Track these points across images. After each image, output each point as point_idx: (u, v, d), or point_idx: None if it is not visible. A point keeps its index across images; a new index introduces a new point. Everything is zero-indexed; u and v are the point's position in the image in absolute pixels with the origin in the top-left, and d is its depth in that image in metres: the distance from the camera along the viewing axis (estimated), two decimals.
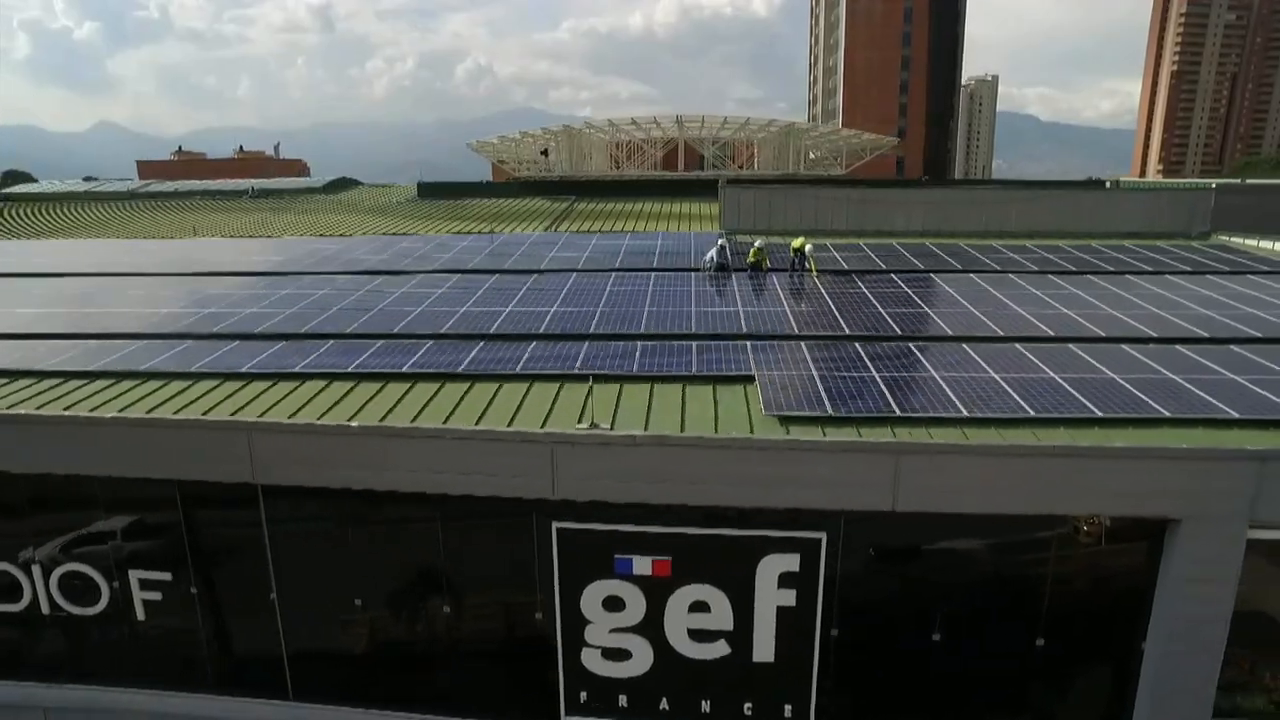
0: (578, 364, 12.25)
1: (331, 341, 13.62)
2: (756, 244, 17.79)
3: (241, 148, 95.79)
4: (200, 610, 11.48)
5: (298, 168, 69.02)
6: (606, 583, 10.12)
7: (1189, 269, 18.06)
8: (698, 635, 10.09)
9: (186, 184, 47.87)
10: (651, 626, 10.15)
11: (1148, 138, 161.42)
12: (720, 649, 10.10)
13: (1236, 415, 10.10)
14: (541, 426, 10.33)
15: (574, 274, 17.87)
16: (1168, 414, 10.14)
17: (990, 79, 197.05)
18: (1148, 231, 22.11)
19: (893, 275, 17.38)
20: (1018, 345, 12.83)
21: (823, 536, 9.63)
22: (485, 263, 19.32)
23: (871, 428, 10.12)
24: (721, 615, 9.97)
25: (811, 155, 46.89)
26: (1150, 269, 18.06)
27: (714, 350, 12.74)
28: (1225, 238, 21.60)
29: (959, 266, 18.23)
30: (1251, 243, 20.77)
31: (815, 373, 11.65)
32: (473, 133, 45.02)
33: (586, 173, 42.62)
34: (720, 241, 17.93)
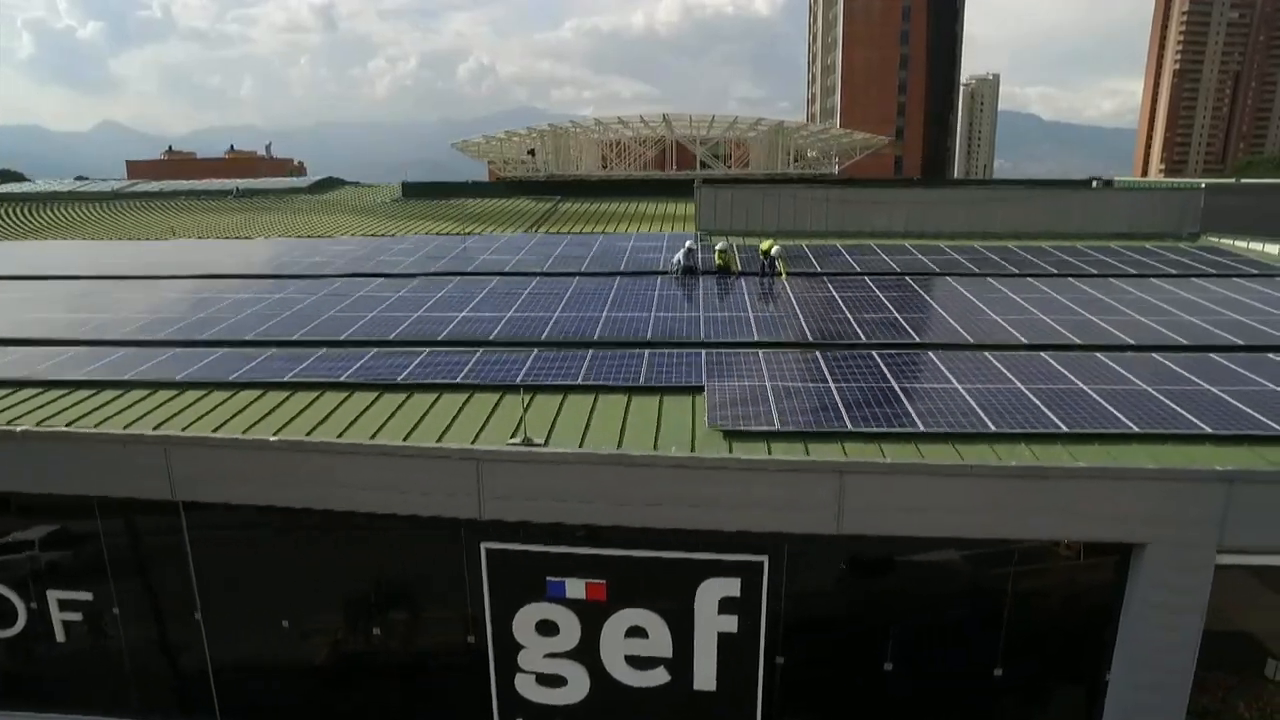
0: (521, 374, 11.70)
1: (273, 349, 13.08)
2: (719, 246, 17.20)
3: (233, 147, 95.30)
4: (123, 631, 10.95)
5: (288, 167, 68.46)
6: (539, 606, 9.58)
7: (1175, 272, 17.45)
8: (635, 662, 9.54)
9: (172, 184, 47.43)
10: (587, 652, 9.60)
11: (1149, 137, 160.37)
12: (659, 676, 9.54)
13: (1209, 430, 9.52)
14: (473, 441, 9.80)
15: (537, 278, 17.32)
16: (1136, 429, 9.56)
17: (991, 78, 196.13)
18: (1136, 233, 21.49)
19: (865, 278, 16.79)
20: (987, 353, 12.25)
21: (765, 560, 9.07)
22: (450, 265, 18.78)
23: (821, 443, 9.55)
24: (660, 641, 9.42)
25: (810, 153, 46.30)
26: (1134, 272, 17.45)
27: (667, 359, 12.18)
28: (1215, 239, 20.98)
29: (935, 269, 17.63)
30: (1242, 245, 20.14)
31: (769, 383, 11.09)
32: (474, 132, 44.36)
33: (573, 173, 42.07)
34: (688, 244, 17.37)
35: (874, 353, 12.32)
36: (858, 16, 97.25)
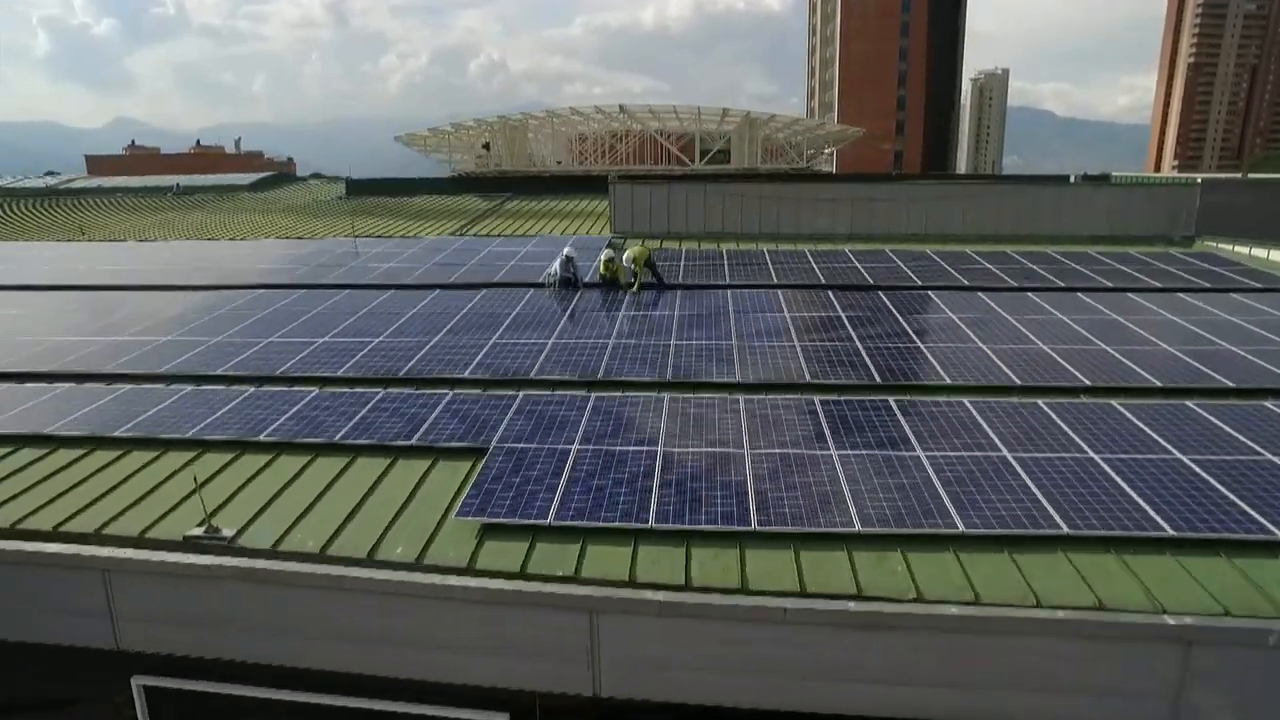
0: (277, 424, 8.80)
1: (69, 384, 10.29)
2: (604, 254, 14.24)
3: (199, 142, 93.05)
4: None
5: (257, 164, 65.93)
6: None
7: (1159, 285, 14.37)
8: None
9: (111, 181, 45.06)
10: None
11: (1163, 133, 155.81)
12: None
13: (1168, 531, 6.51)
14: (100, 529, 6.93)
15: (390, 291, 14.44)
16: (1065, 530, 6.56)
17: (1001, 73, 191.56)
18: (1120, 235, 18.38)
19: (778, 292, 13.79)
20: (890, 399, 9.26)
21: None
22: (305, 277, 15.91)
23: (612, 544, 6.63)
24: None
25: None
26: (1110, 284, 14.38)
27: (466, 406, 9.26)
28: (1213, 244, 17.85)
29: (868, 281, 14.61)
30: (1243, 250, 17.01)
31: (577, 446, 8.15)
32: None
33: (526, 168, 39.18)
34: (566, 251, 14.40)
35: (735, 397, 9.34)
36: (856, 7, 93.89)
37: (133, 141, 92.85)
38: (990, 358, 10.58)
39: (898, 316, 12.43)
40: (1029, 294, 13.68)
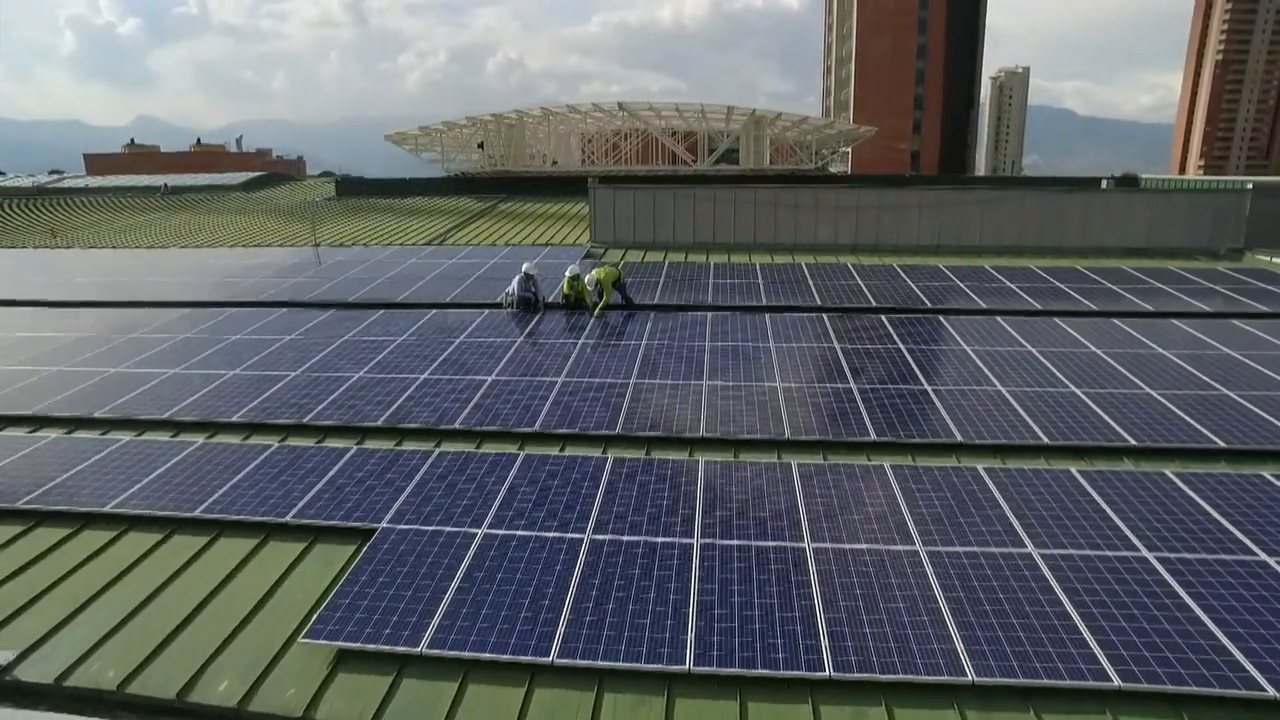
0: (118, 499, 7.17)
1: None
2: (569, 272, 12.49)
3: (199, 140, 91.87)
4: None
5: (258, 163, 64.66)
6: None
7: (1207, 308, 12.48)
8: None
9: (98, 181, 44.11)
10: None
11: (1189, 131, 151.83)
12: None
13: (1132, 684, 4.71)
14: None
15: (329, 311, 12.83)
16: (1117, 683, 4.78)
17: (1021, 71, 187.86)
18: (1158, 248, 16.43)
19: (764, 317, 12.01)
20: (887, 463, 7.49)
21: None
22: (236, 294, 14.34)
23: (500, 681, 4.95)
24: None
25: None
26: (1150, 308, 12.50)
27: (369, 466, 7.59)
28: (1265, 257, 15.88)
29: (870, 303, 12.81)
30: None
31: (484, 530, 6.45)
32: None
33: (522, 168, 37.52)
34: (526, 268, 12.68)
35: (701, 459, 7.60)
36: (872, 4, 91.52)
37: (131, 140, 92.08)
38: (1010, 405, 8.77)
39: (902, 349, 10.63)
40: (1056, 319, 11.83)
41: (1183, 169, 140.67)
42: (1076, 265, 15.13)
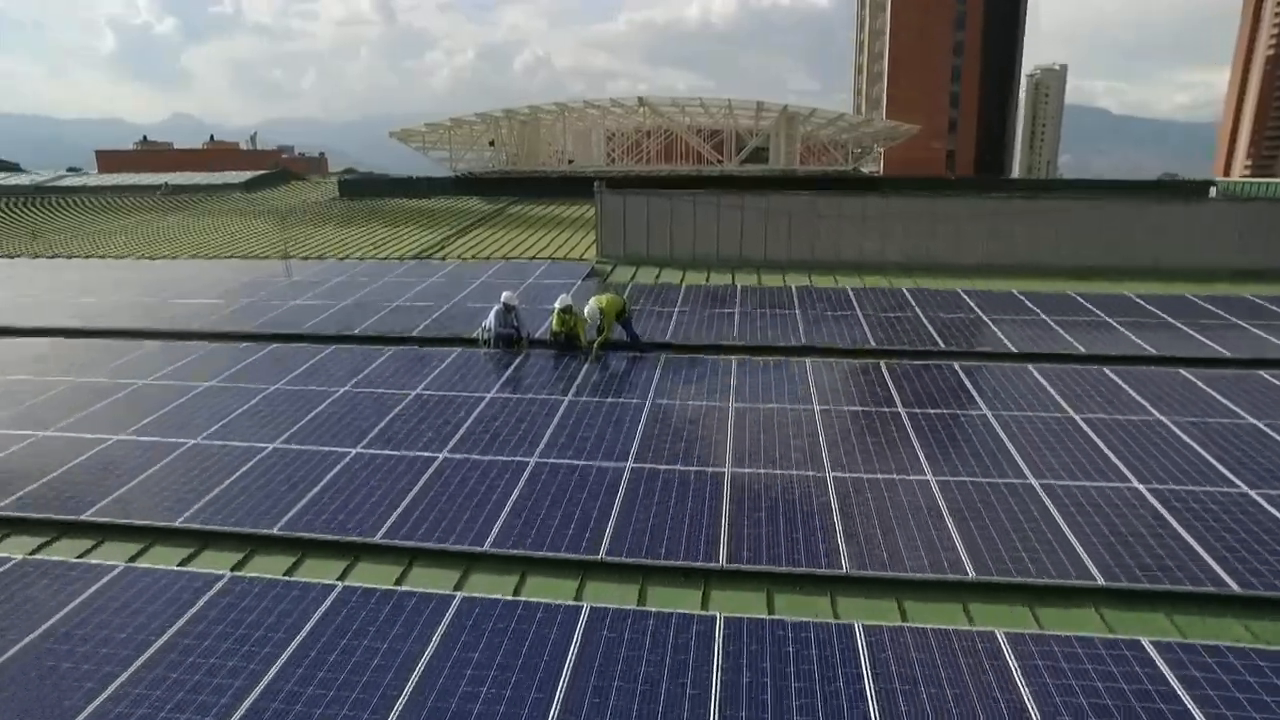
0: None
1: None
2: (559, 303, 10.01)
3: (212, 137, 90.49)
4: None
5: (270, 160, 62.89)
6: None
7: None
8: None
9: (98, 179, 42.78)
10: None
11: (1235, 130, 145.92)
12: None
13: None
14: None
15: (273, 345, 10.55)
16: None
17: (1059, 68, 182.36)
18: (1260, 268, 13.65)
19: (805, 363, 9.50)
20: (988, 630, 4.98)
21: None
22: (158, 324, 12.13)
23: None
24: None
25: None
26: (1247, 354, 9.83)
27: (244, 607, 5.23)
28: None
29: (938, 344, 10.25)
30: None
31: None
32: None
33: (539, 168, 35.22)
34: (505, 298, 10.20)
35: (717, 614, 5.14)
36: None
37: (144, 138, 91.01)
38: (1161, 514, 6.22)
39: (987, 414, 8.09)
40: (1182, 371, 9.21)
41: (1228, 170, 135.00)
42: (1183, 292, 12.44)
